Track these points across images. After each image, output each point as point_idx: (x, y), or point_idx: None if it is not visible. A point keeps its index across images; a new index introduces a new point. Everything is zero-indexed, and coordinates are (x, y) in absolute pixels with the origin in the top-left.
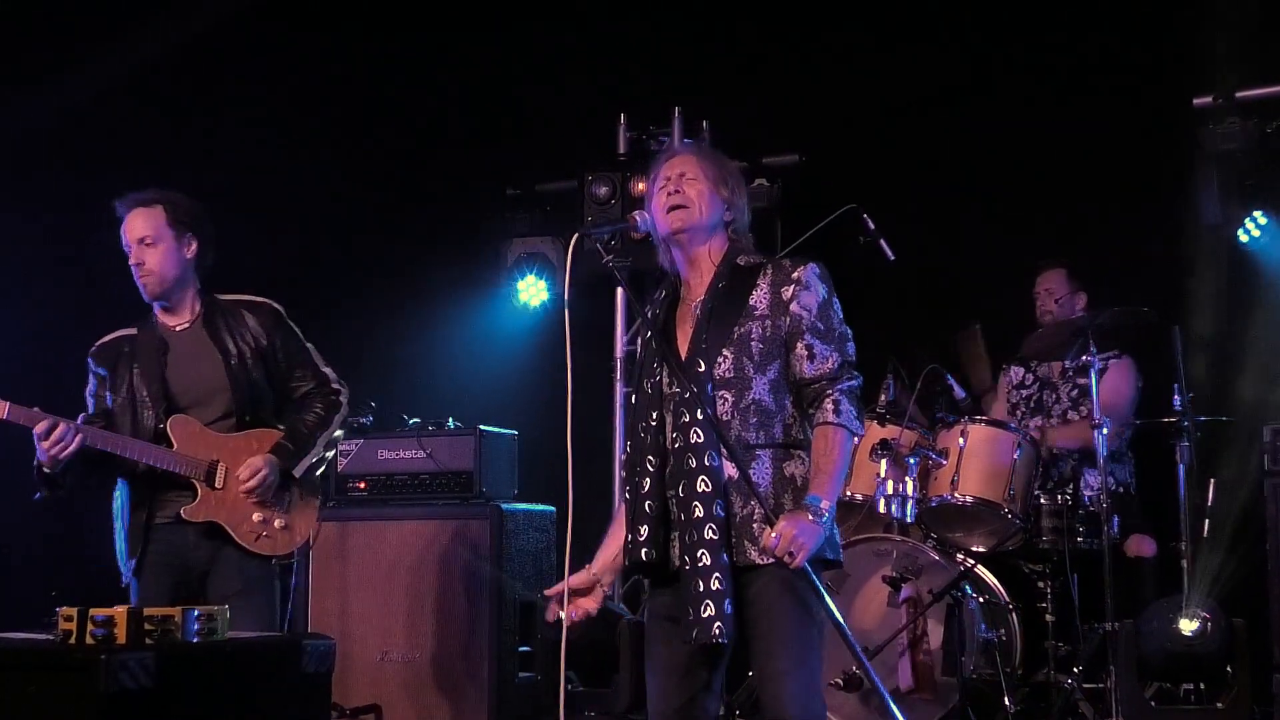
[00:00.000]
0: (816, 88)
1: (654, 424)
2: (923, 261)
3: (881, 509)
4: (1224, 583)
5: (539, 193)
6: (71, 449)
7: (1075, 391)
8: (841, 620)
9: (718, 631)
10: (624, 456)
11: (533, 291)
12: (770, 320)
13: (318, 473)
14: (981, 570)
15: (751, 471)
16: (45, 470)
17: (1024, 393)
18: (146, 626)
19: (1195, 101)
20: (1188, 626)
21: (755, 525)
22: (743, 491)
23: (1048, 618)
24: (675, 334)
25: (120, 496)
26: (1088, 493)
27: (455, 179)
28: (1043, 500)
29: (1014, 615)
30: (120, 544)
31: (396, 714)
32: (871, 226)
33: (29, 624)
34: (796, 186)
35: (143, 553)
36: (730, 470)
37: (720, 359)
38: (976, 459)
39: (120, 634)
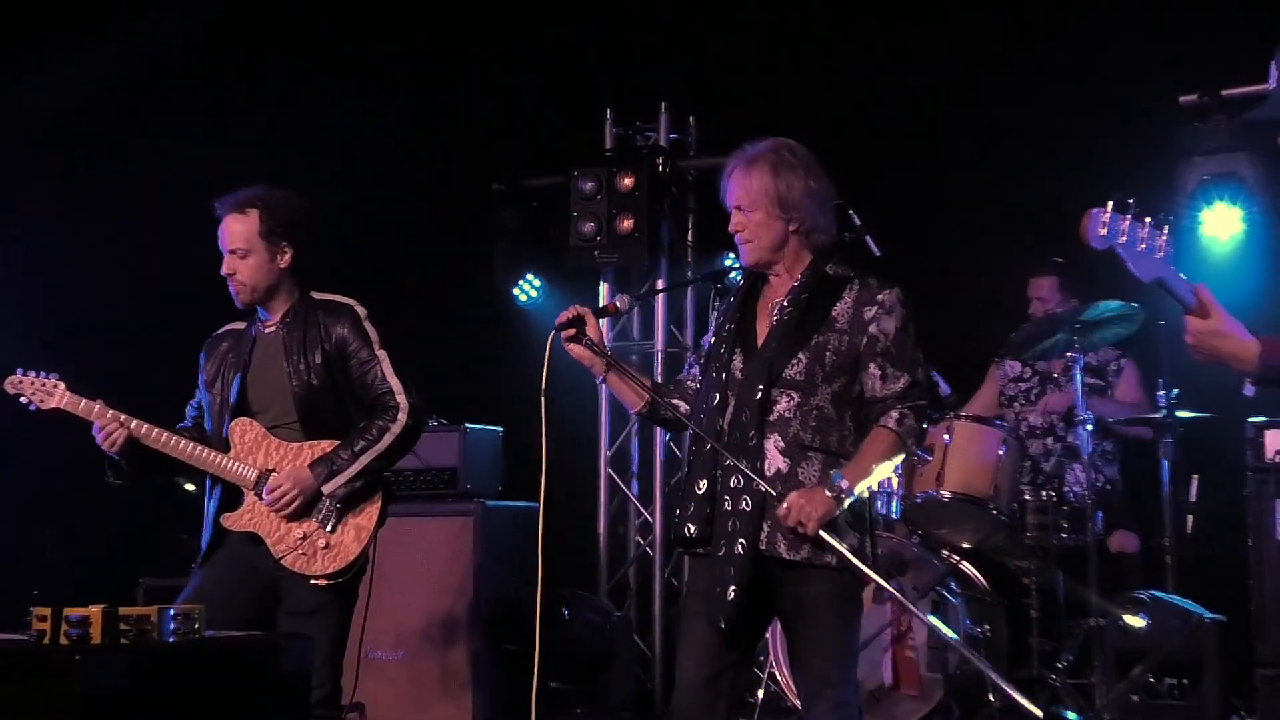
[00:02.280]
0: (804, 81)
1: (714, 405)
2: (910, 258)
3: None
4: (1205, 579)
5: (525, 188)
6: (119, 443)
7: (1085, 389)
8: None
9: (732, 615)
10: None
11: (526, 289)
12: (848, 336)
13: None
14: (966, 566)
15: (800, 470)
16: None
17: (1023, 385)
18: (122, 626)
19: (1181, 99)
20: (1130, 621)
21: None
22: (789, 487)
23: (1032, 614)
24: (755, 326)
25: (211, 489)
26: (1074, 489)
27: (441, 173)
28: (1028, 496)
29: (999, 611)
30: (204, 534)
31: (380, 712)
32: (858, 223)
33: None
34: None
35: (216, 547)
36: (781, 464)
37: (794, 361)
38: (962, 455)
39: (95, 634)
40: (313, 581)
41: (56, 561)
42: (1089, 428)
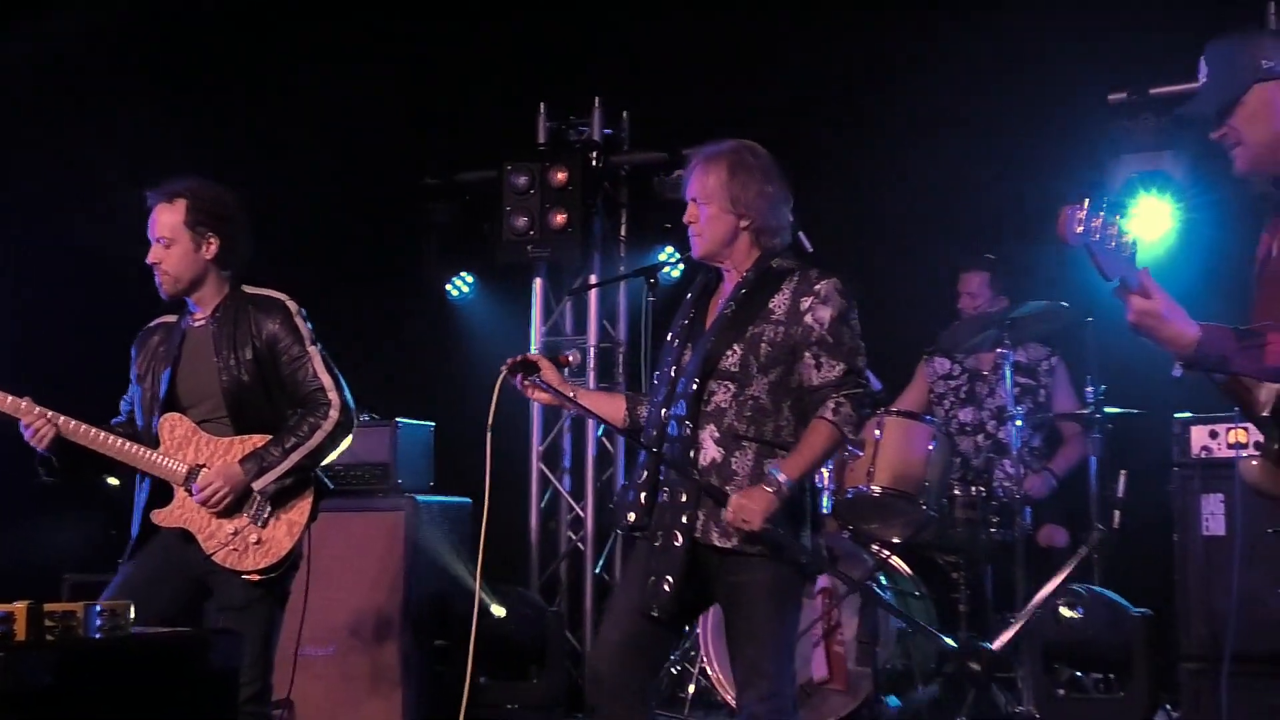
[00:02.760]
0: (737, 78)
1: (660, 400)
2: (841, 254)
3: None
4: (1132, 574)
5: (458, 182)
6: (47, 440)
7: (1017, 389)
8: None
9: (664, 605)
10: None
11: (460, 285)
12: (784, 327)
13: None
14: (896, 561)
15: (733, 460)
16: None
17: (952, 383)
18: (47, 623)
19: (1110, 97)
20: (1066, 612)
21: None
22: (722, 476)
23: (961, 608)
24: (704, 323)
25: (140, 483)
26: (1004, 484)
27: (373, 168)
28: (957, 492)
29: (928, 605)
30: (132, 528)
31: (310, 709)
32: (790, 219)
33: None
34: None
35: (144, 541)
36: (715, 454)
37: (730, 352)
38: (892, 450)
39: (20, 631)
40: (244, 577)
41: None
42: (1018, 424)
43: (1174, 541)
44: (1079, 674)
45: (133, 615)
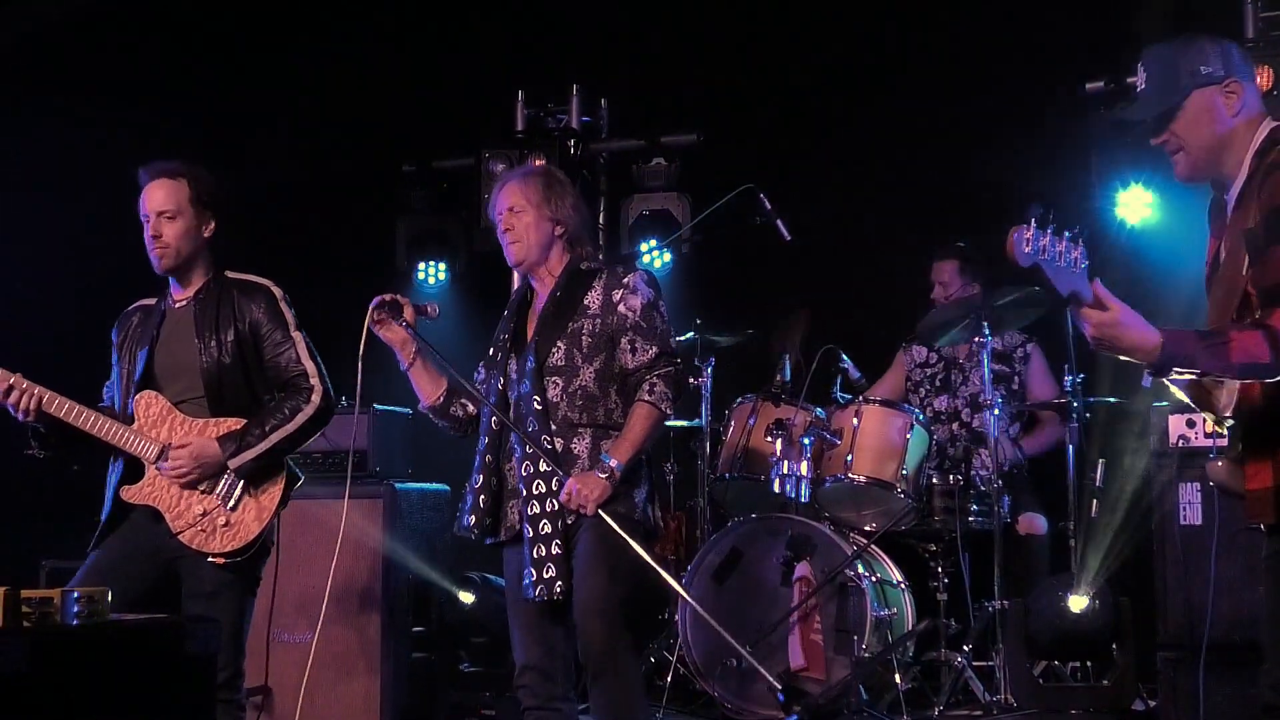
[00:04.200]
0: (716, 66)
1: (493, 408)
2: (820, 242)
3: (776, 489)
4: (1112, 562)
5: (435, 169)
6: (32, 410)
7: (992, 377)
8: (666, 575)
9: (559, 590)
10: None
11: (429, 270)
12: (600, 319)
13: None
14: (874, 549)
15: (573, 446)
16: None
17: (928, 371)
18: (24, 609)
19: (1086, 86)
20: (1077, 604)
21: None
22: (568, 463)
23: (939, 597)
24: (525, 329)
25: (113, 465)
26: (981, 473)
27: (349, 154)
28: (935, 480)
29: (906, 594)
30: (104, 509)
31: (287, 696)
32: (768, 207)
33: None
34: (695, 166)
35: (116, 522)
36: (556, 444)
37: (554, 349)
38: (870, 439)
39: None
40: (210, 559)
41: None
42: (995, 413)
43: (1152, 530)
44: (1057, 662)
45: (110, 601)
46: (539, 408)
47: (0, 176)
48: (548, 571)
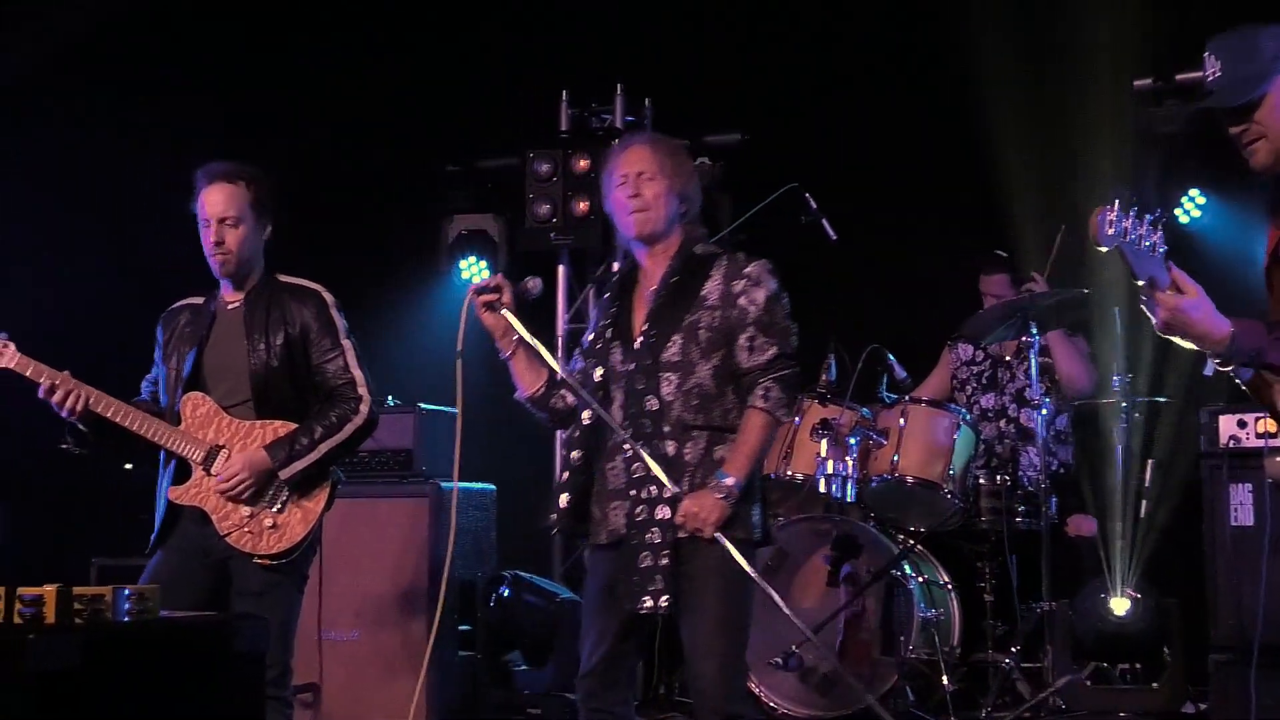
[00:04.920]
0: (760, 66)
1: (601, 400)
2: (865, 241)
3: (822, 489)
4: (1160, 564)
5: (480, 169)
6: (78, 409)
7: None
8: (780, 602)
9: (665, 604)
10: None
11: (473, 269)
12: (719, 311)
13: (327, 481)
14: (921, 550)
15: (685, 451)
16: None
17: (975, 369)
18: (76, 606)
19: (1135, 84)
20: (1119, 606)
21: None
22: (678, 469)
23: (986, 598)
24: (632, 316)
25: (164, 466)
26: (1029, 473)
27: (395, 155)
28: (982, 481)
29: (952, 595)
30: (157, 512)
31: (334, 694)
32: (814, 206)
33: None
34: (739, 165)
35: (170, 525)
36: (669, 449)
37: (670, 344)
38: (916, 439)
39: (49, 613)
40: (256, 561)
41: (10, 542)
42: (1043, 412)
43: (1202, 532)
44: (1106, 664)
45: (160, 599)
46: (653, 406)
47: (44, 178)
48: (655, 584)
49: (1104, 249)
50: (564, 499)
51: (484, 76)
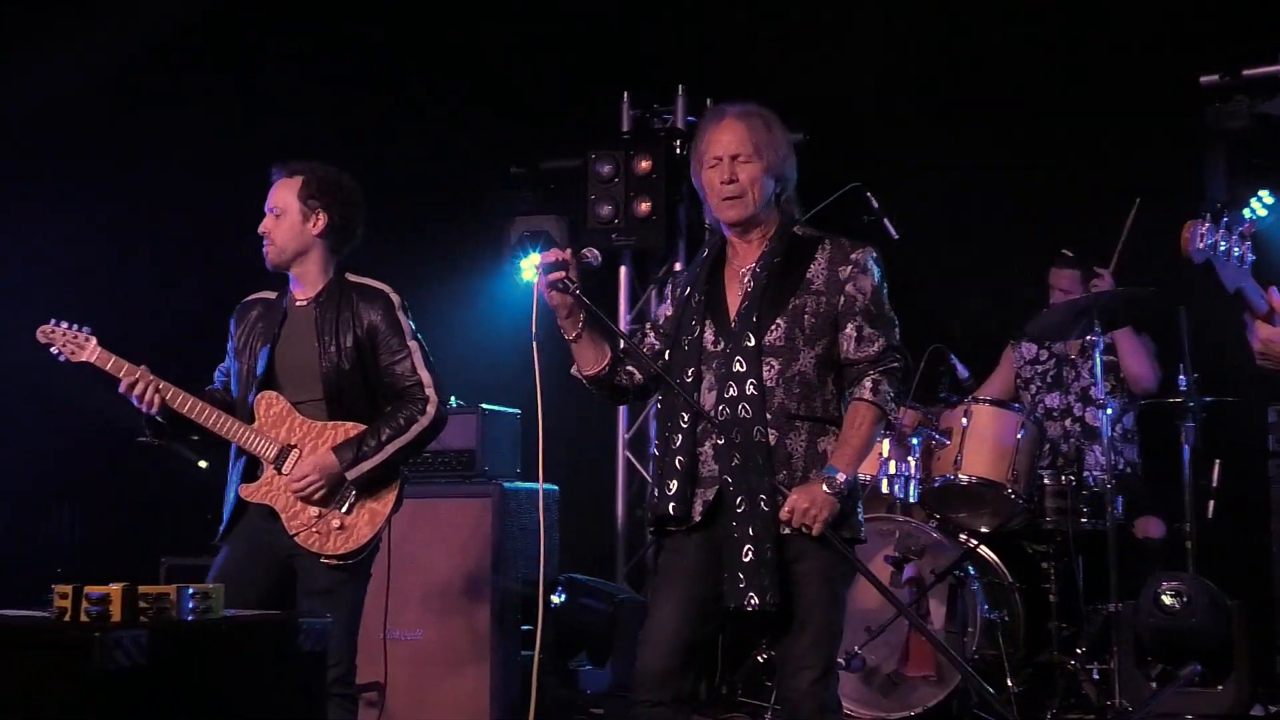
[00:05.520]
0: (821, 65)
1: (689, 380)
2: (927, 241)
3: (885, 489)
4: (1227, 565)
5: (542, 171)
6: (155, 405)
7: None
8: (911, 614)
9: (772, 600)
10: (657, 409)
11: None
12: (825, 297)
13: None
14: (984, 550)
15: (787, 441)
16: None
17: (1039, 368)
18: (141, 604)
19: (1202, 80)
20: (1177, 607)
21: (781, 495)
22: (779, 461)
23: (1051, 598)
24: (724, 294)
25: (234, 462)
26: (1095, 472)
27: (458, 156)
28: (1047, 481)
29: (1017, 596)
30: (225, 507)
31: (399, 692)
32: (875, 205)
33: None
34: (801, 165)
35: (236, 520)
36: (771, 438)
37: (773, 327)
38: (980, 439)
39: (115, 612)
40: (323, 560)
41: (79, 540)
42: (1108, 411)
43: (1270, 531)
44: (1170, 666)
45: (224, 598)
46: (753, 391)
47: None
48: (759, 579)
49: (1196, 262)
50: (673, 486)
51: (547, 78)
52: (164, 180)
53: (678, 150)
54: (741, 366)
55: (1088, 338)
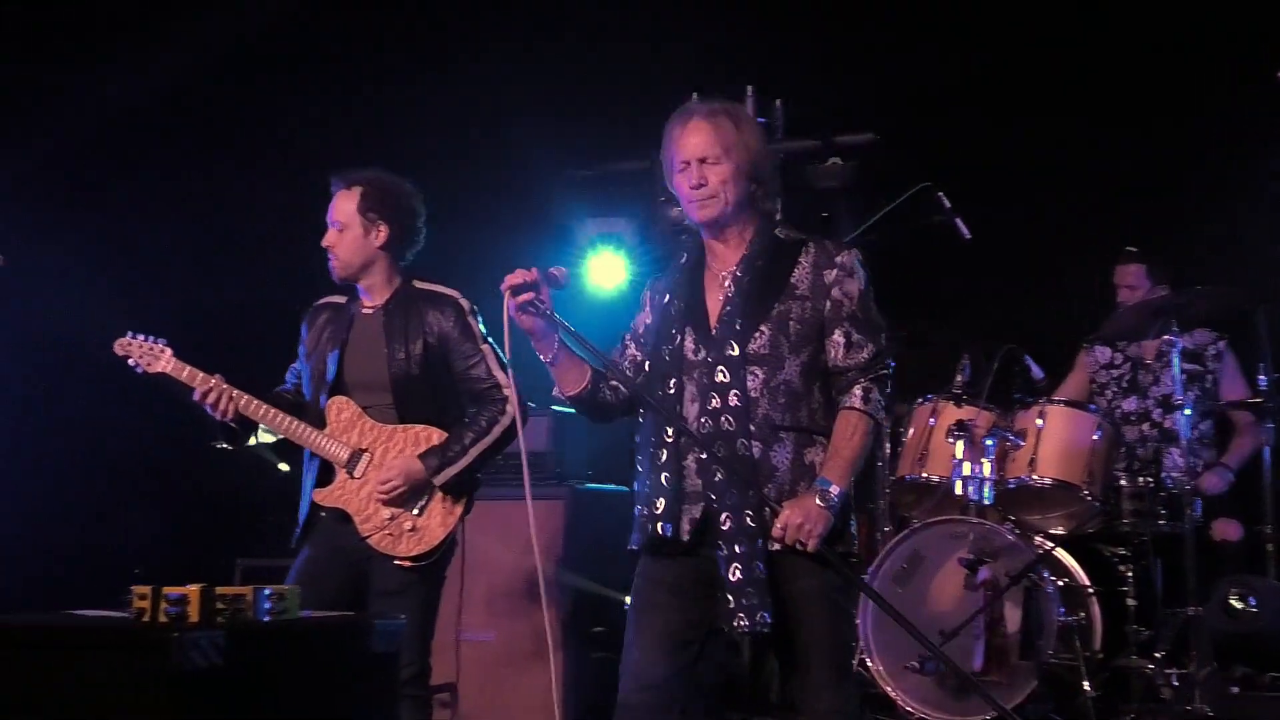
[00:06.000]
0: (892, 65)
1: (670, 392)
2: (999, 241)
3: (958, 491)
4: None
5: (611, 172)
6: (229, 414)
7: (1184, 376)
8: (908, 623)
9: (764, 622)
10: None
11: (605, 271)
12: (811, 302)
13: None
14: (1060, 553)
15: (773, 454)
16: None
17: (1114, 373)
18: (218, 605)
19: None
20: (1235, 603)
21: (770, 510)
22: (764, 474)
23: (1128, 602)
24: (704, 301)
25: (308, 465)
26: (1172, 474)
27: (524, 158)
28: (1123, 482)
29: (1093, 599)
30: (301, 510)
31: (471, 693)
32: (947, 205)
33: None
34: (871, 165)
35: (311, 524)
36: (756, 450)
37: (756, 335)
38: (1055, 440)
39: (192, 612)
40: (395, 562)
41: (159, 542)
42: (1186, 413)
43: None
44: (1251, 670)
45: (300, 599)
46: (737, 403)
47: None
48: (748, 599)
49: None
50: (661, 504)
51: (614, 79)
52: (240, 184)
53: None
54: (725, 377)
55: (1164, 339)
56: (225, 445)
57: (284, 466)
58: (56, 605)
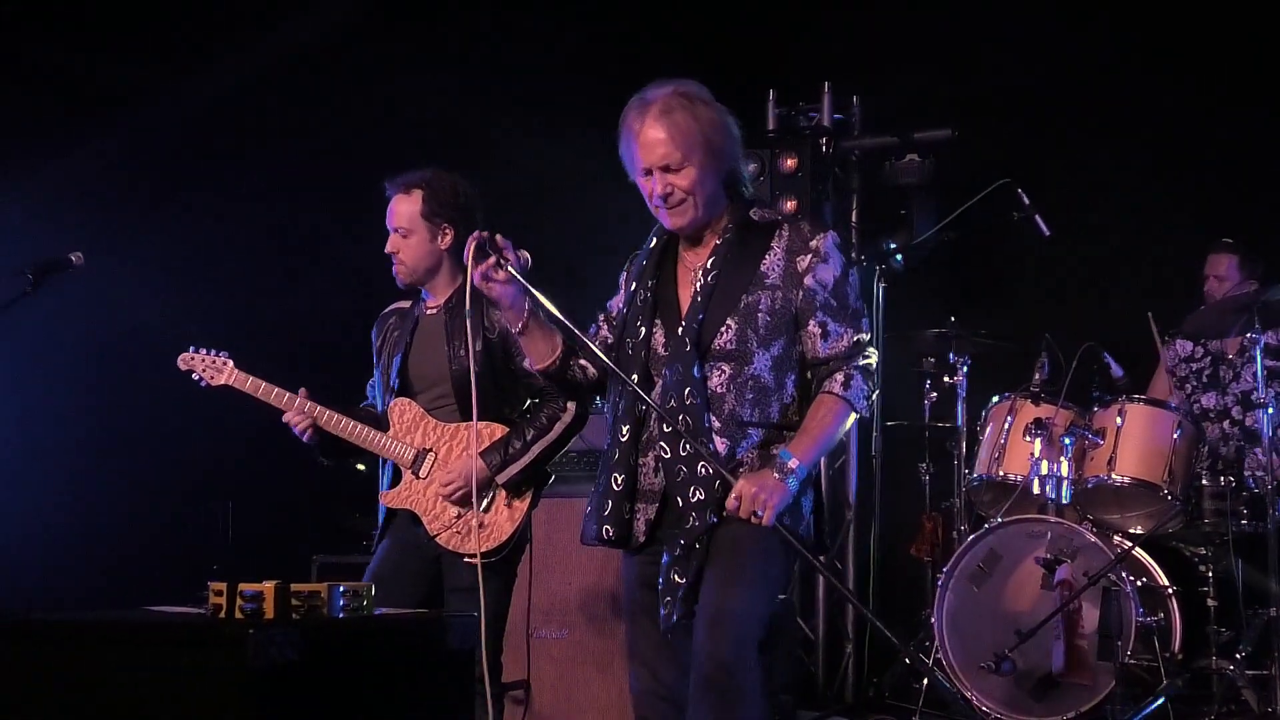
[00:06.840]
0: (970, 61)
1: (631, 390)
2: (1080, 238)
3: (1036, 490)
4: None
5: None
6: (307, 433)
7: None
8: (868, 613)
9: (680, 612)
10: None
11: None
12: (781, 292)
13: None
14: (1139, 553)
15: (739, 450)
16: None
17: (1194, 366)
18: (294, 602)
19: None
20: None
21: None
22: (729, 469)
23: (1209, 602)
24: (675, 293)
25: (383, 466)
26: (1256, 473)
27: (597, 154)
28: (1205, 482)
29: (1173, 600)
30: (380, 511)
31: (546, 691)
32: (1026, 202)
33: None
34: (949, 162)
35: (389, 524)
36: (719, 445)
37: (723, 329)
38: (1134, 439)
39: (268, 609)
40: (466, 560)
41: (235, 539)
42: (1269, 411)
43: None
44: None
45: (374, 596)
46: (695, 400)
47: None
48: (680, 592)
49: None
50: (611, 504)
51: (690, 77)
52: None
53: (823, 148)
54: (684, 372)
55: (1248, 335)
56: (326, 462)
57: (360, 466)
58: (134, 602)
